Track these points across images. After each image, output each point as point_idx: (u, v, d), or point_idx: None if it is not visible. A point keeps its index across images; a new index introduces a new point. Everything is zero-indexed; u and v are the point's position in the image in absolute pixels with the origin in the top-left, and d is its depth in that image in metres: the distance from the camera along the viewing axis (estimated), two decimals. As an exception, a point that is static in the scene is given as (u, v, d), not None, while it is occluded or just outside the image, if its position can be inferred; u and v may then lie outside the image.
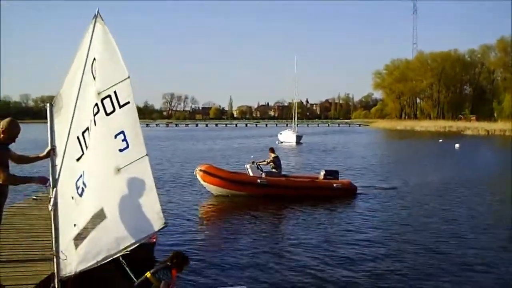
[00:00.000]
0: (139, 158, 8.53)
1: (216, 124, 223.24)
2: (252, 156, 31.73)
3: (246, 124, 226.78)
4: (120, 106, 8.37)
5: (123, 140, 8.43)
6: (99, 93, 8.33)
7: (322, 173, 28.09)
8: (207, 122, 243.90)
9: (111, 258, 8.92)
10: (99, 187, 8.66)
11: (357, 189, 27.94)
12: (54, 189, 8.62)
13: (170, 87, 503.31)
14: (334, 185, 26.94)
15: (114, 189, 8.64)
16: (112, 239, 8.80)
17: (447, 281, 13.46)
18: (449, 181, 34.23)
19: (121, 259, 9.26)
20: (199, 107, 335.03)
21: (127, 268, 9.36)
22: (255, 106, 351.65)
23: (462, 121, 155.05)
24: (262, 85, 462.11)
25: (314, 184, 27.23)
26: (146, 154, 8.56)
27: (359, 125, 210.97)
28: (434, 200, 26.98)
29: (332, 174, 28.02)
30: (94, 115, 8.41)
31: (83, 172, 8.62)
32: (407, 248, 16.87)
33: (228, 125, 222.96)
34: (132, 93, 8.40)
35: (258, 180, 26.55)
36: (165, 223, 8.80)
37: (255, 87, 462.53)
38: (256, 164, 27.57)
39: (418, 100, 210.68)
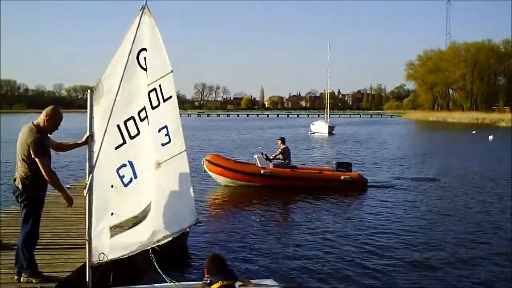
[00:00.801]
0: (179, 153, 8.60)
1: (248, 115, 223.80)
2: (260, 147, 31.67)
3: (278, 115, 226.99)
4: (164, 100, 8.45)
5: (166, 135, 8.53)
6: (148, 86, 8.38)
7: (334, 165, 27.62)
8: (238, 112, 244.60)
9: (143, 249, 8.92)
10: (148, 181, 8.68)
11: (367, 182, 27.12)
12: (90, 175, 8.55)
13: (202, 77, 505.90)
14: (342, 177, 26.25)
15: (155, 183, 8.65)
16: (150, 232, 8.83)
17: (487, 271, 13.24)
18: (483, 173, 33.70)
19: (150, 251, 9.10)
20: (230, 97, 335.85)
21: (154, 261, 9.20)
22: (287, 97, 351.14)
23: (495, 113, 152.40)
24: (293, 75, 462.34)
25: (319, 176, 26.68)
26: (185, 150, 8.59)
27: (391, 116, 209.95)
28: (468, 191, 26.59)
29: (344, 166, 27.46)
30: (145, 107, 8.44)
31: (129, 162, 8.58)
32: (441, 238, 16.70)
33: (259, 115, 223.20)
34: (174, 87, 8.49)
35: (262, 171, 26.27)
36: (197, 219, 8.75)
37: (287, 77, 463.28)
38: (265, 154, 27.34)
39: (451, 91, 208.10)
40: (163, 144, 8.58)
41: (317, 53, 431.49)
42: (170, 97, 8.56)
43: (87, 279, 8.83)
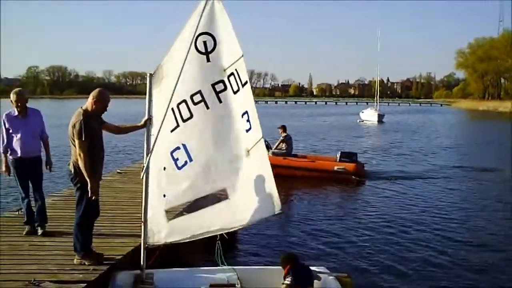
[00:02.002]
0: (259, 140, 8.51)
1: (296, 102, 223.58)
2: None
3: (326, 102, 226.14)
4: (243, 85, 8.39)
5: (247, 121, 8.43)
6: (224, 70, 8.31)
7: (338, 155, 27.00)
8: (286, 99, 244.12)
9: (211, 235, 8.88)
10: (222, 167, 8.59)
11: (364, 173, 26.54)
12: (148, 157, 8.51)
13: (250, 64, 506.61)
14: (335, 167, 25.75)
15: (242, 170, 8.57)
16: (228, 218, 8.78)
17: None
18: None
19: (218, 237, 9.00)
20: (278, 84, 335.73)
21: (219, 247, 9.13)
22: (335, 84, 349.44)
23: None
24: (342, 63, 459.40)
25: (313, 166, 26.14)
26: (262, 137, 8.53)
27: (441, 104, 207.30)
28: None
29: (348, 156, 26.79)
30: (218, 92, 8.38)
31: (183, 145, 8.50)
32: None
33: (307, 102, 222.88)
34: (246, 73, 8.45)
35: None
36: (281, 210, 8.66)
37: (335, 65, 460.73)
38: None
39: (502, 80, 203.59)
40: (246, 130, 8.47)
41: (366, 40, 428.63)
42: (246, 82, 8.48)
43: (142, 261, 8.82)
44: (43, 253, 9.75)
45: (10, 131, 10.83)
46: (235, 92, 8.41)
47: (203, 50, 8.30)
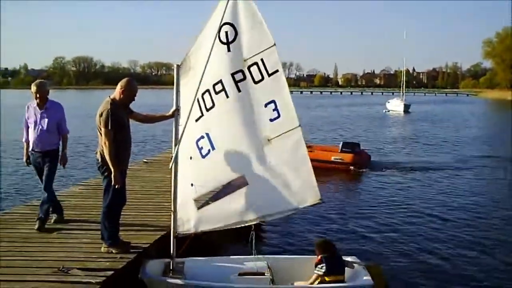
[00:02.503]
0: (292, 129, 8.34)
1: (321, 92, 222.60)
2: None
3: (351, 92, 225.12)
4: (269, 75, 8.26)
5: (274, 110, 8.31)
6: (245, 60, 8.27)
7: (340, 145, 26.70)
8: (311, 90, 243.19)
9: (243, 225, 8.82)
10: (240, 154, 8.56)
11: (366, 164, 26.19)
12: (176, 147, 8.57)
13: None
14: (333, 158, 25.57)
15: (262, 158, 8.49)
16: (251, 207, 8.68)
17: None
18: None
19: (252, 227, 9.00)
20: (303, 75, 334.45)
21: (253, 237, 9.12)
22: (360, 74, 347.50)
23: None
24: (367, 53, 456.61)
25: (310, 156, 25.66)
26: (299, 125, 8.34)
27: (467, 95, 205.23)
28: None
29: (350, 146, 26.56)
30: (237, 81, 8.34)
31: (206, 134, 8.55)
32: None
33: (333, 93, 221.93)
34: (279, 61, 8.30)
35: None
36: (320, 199, 8.53)
37: (361, 54, 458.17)
38: None
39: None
40: (271, 120, 8.35)
41: (392, 30, 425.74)
42: (276, 71, 8.33)
43: (171, 250, 8.86)
44: (71, 241, 9.83)
45: (28, 122, 10.77)
46: (256, 82, 8.34)
47: (225, 40, 8.30)
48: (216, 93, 8.42)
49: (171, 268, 8.84)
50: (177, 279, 8.50)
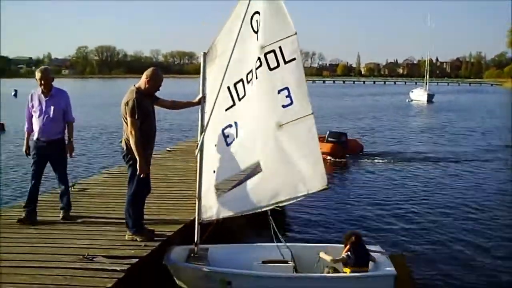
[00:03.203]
0: (304, 116, 8.34)
1: (344, 81, 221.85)
2: None
3: (374, 82, 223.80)
4: (286, 62, 8.27)
5: (287, 96, 8.31)
6: (262, 48, 8.27)
7: (326, 134, 26.33)
8: (334, 79, 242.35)
9: (259, 211, 8.84)
10: (256, 141, 8.60)
11: (338, 155, 25.65)
12: (202, 135, 8.63)
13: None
14: None
15: (274, 144, 8.51)
16: (265, 193, 8.71)
17: None
18: None
19: (269, 212, 9.01)
20: (326, 64, 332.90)
21: (272, 224, 9.14)
22: (383, 63, 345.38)
23: None
24: (390, 42, 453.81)
25: None
26: (312, 113, 8.34)
27: (491, 84, 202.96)
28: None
29: (336, 136, 26.31)
30: (256, 68, 8.36)
31: (235, 122, 8.62)
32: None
33: (355, 82, 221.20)
34: (299, 49, 8.30)
35: None
36: (327, 185, 8.53)
37: (384, 44, 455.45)
38: None
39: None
40: (284, 106, 8.36)
41: (415, 19, 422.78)
42: (293, 59, 8.32)
43: (196, 237, 8.92)
44: (96, 228, 9.88)
45: (32, 110, 10.37)
46: (271, 69, 8.34)
47: (256, 29, 8.34)
48: (248, 82, 8.50)
49: (195, 254, 8.90)
50: (201, 266, 8.55)
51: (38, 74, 10.23)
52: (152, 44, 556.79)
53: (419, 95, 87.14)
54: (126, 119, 8.81)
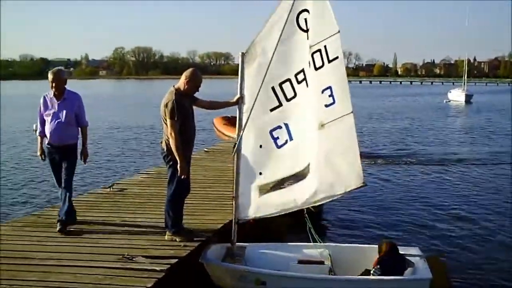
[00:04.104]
0: (345, 115, 8.39)
1: (380, 82, 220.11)
2: None
3: (411, 82, 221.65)
4: (329, 61, 8.30)
5: (329, 96, 8.35)
6: (310, 47, 8.28)
7: None
8: (370, 79, 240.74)
9: (296, 210, 8.91)
10: (306, 142, 8.62)
11: None
12: (240, 135, 8.67)
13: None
14: None
15: (317, 144, 8.52)
16: (304, 193, 8.74)
17: None
18: None
19: (305, 211, 9.02)
20: (362, 64, 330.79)
21: (309, 224, 9.11)
22: (420, 64, 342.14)
23: None
24: (427, 42, 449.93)
25: None
26: (352, 112, 8.39)
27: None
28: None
29: None
30: (304, 69, 8.37)
31: (285, 124, 8.61)
32: None
33: (392, 82, 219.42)
34: (341, 48, 8.29)
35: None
36: (363, 182, 8.57)
37: (421, 44, 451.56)
38: None
39: None
40: (326, 105, 8.39)
41: (452, 18, 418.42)
42: (336, 57, 8.35)
43: (232, 235, 8.98)
44: (134, 228, 9.96)
45: (45, 114, 9.89)
46: (316, 68, 8.36)
47: (305, 28, 8.34)
48: (298, 82, 8.50)
49: (231, 253, 8.97)
50: (236, 265, 8.62)
51: (50, 76, 9.74)
52: (188, 45, 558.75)
53: (457, 95, 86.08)
54: (166, 120, 8.86)
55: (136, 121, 45.02)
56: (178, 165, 8.85)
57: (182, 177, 8.92)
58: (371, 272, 8.41)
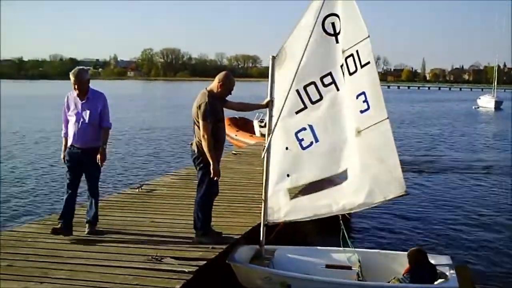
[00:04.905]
0: (380, 121, 8.33)
1: (408, 87, 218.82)
2: (261, 114, 29.83)
3: (439, 88, 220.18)
4: (362, 66, 8.28)
5: (364, 101, 8.32)
6: (343, 52, 8.30)
7: None
8: (398, 84, 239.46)
9: (328, 216, 8.89)
10: (342, 147, 8.59)
11: None
12: (269, 138, 8.65)
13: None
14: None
15: (354, 150, 8.49)
16: (340, 199, 8.71)
17: None
18: None
19: (340, 217, 9.02)
20: (391, 69, 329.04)
21: (343, 229, 9.06)
22: (449, 69, 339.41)
23: None
24: (456, 47, 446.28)
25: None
26: (387, 117, 8.33)
27: None
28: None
29: None
30: (343, 73, 8.39)
31: (309, 126, 8.57)
32: None
33: (420, 88, 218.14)
34: (372, 53, 8.27)
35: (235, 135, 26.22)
36: (406, 191, 8.50)
37: (449, 49, 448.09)
38: (262, 120, 26.34)
39: None
40: (361, 111, 8.36)
41: (481, 23, 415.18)
42: (368, 63, 8.32)
43: (261, 237, 8.99)
44: (163, 229, 9.97)
45: (68, 114, 9.54)
46: (350, 74, 8.34)
47: (332, 32, 8.34)
48: (325, 85, 8.47)
49: (259, 255, 8.97)
50: (263, 267, 8.61)
51: (71, 77, 9.30)
52: (217, 47, 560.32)
53: (486, 102, 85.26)
54: (198, 122, 8.88)
55: (165, 122, 45.29)
56: (211, 167, 8.86)
57: (215, 178, 8.94)
58: (400, 279, 8.33)
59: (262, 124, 26.24)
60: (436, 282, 8.38)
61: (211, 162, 8.84)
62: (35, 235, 9.52)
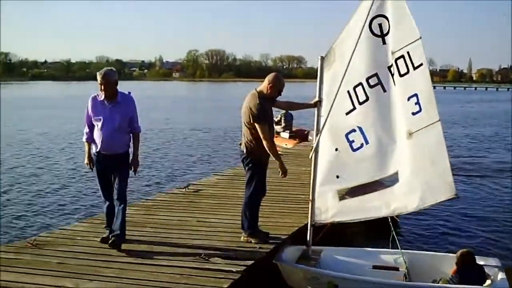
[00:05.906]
0: (432, 123, 8.27)
1: (454, 87, 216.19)
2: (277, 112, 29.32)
3: (486, 88, 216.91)
4: (414, 68, 8.24)
5: (416, 103, 8.27)
6: (393, 53, 8.28)
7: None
8: (444, 85, 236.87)
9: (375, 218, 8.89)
10: (393, 149, 8.56)
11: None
12: (317, 138, 8.67)
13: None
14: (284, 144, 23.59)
15: (406, 153, 8.45)
16: (390, 202, 8.67)
17: None
18: None
19: (389, 219, 8.98)
20: (436, 69, 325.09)
21: (393, 230, 9.01)
22: (496, 69, 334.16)
23: None
24: (504, 47, 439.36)
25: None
26: (439, 120, 8.26)
27: None
28: None
29: (295, 132, 25.01)
30: (392, 74, 8.36)
31: (359, 127, 8.57)
32: None
33: (466, 88, 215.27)
34: (424, 54, 8.23)
35: None
36: (456, 194, 8.41)
37: (497, 49, 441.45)
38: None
39: None
40: (413, 113, 8.30)
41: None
42: (421, 64, 8.27)
43: (308, 238, 8.98)
44: (210, 229, 10.03)
45: (93, 118, 8.84)
46: (401, 75, 8.29)
47: (379, 33, 8.34)
48: (370, 86, 8.45)
49: (306, 255, 8.97)
50: (310, 267, 8.59)
51: (98, 77, 8.66)
52: (261, 48, 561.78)
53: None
54: (248, 123, 8.95)
55: (211, 122, 45.50)
56: (279, 165, 9.16)
57: (283, 176, 9.31)
58: (449, 279, 8.25)
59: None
60: (485, 284, 8.28)
61: (277, 161, 9.11)
62: (85, 234, 9.69)
